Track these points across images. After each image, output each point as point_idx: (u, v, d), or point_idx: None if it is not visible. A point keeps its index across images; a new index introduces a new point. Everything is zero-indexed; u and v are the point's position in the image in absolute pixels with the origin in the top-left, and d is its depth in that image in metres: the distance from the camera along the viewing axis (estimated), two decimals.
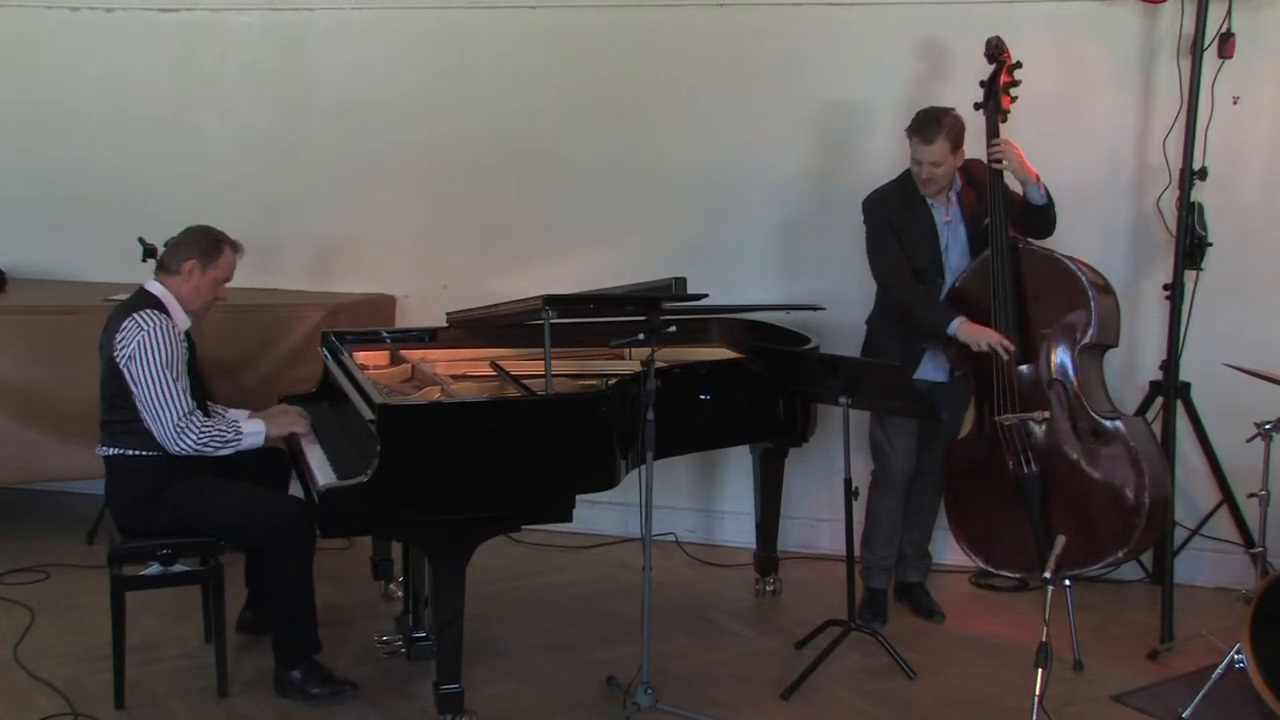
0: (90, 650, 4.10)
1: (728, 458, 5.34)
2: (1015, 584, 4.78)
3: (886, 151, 4.78)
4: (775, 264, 5.25)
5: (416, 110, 5.52)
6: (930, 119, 4.21)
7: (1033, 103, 4.45)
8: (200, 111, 5.74)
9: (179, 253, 3.90)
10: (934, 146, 4.19)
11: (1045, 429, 4.19)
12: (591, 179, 5.40)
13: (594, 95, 5.34)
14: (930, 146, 4.19)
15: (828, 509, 5.12)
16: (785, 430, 4.51)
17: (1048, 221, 4.31)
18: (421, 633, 4.03)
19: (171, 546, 3.76)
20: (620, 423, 3.73)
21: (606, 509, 5.07)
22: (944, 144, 4.19)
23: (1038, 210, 4.28)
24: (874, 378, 4.10)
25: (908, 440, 4.44)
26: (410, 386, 4.22)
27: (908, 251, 4.33)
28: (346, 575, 4.85)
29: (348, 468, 3.67)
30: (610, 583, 4.93)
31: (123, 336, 3.73)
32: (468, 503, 3.50)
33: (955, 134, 4.21)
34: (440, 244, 5.57)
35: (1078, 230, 4.60)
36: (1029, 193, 4.25)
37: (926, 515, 4.66)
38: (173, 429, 3.70)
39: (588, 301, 4.16)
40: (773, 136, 5.17)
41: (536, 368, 4.16)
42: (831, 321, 4.85)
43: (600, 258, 5.33)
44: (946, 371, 4.44)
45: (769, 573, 4.84)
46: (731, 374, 4.39)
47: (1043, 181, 4.24)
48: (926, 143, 4.19)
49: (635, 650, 3.83)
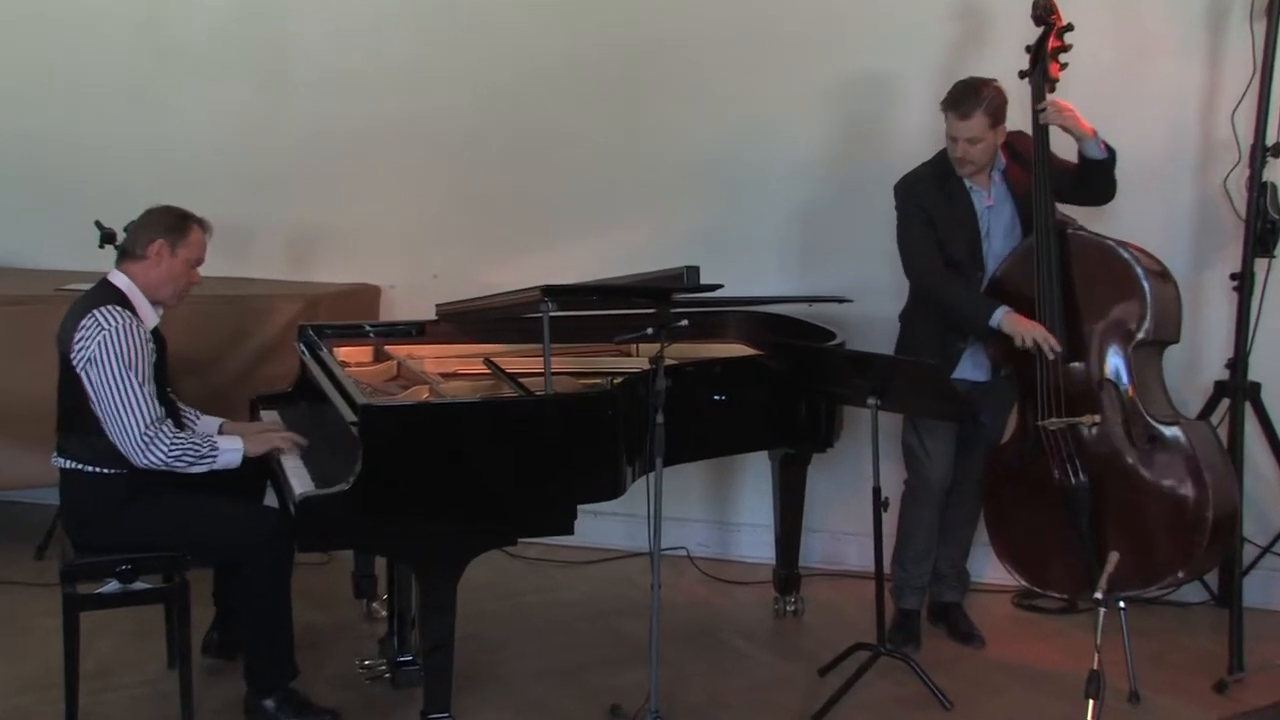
0: (40, 677, 4.08)
1: (744, 465, 5.34)
2: (1063, 605, 4.77)
3: (920, 128, 4.77)
4: (797, 252, 5.24)
5: (404, 83, 5.52)
6: (967, 91, 4.19)
7: (1084, 71, 4.40)
8: (165, 83, 5.74)
9: (142, 235, 3.88)
10: (971, 121, 4.17)
11: (1095, 434, 4.17)
12: (595, 159, 5.40)
13: (597, 68, 5.34)
14: (967, 121, 4.17)
15: (855, 521, 5.10)
16: (808, 435, 4.51)
17: (1109, 179, 4.26)
18: (407, 656, 4.03)
19: (131, 562, 3.74)
20: (627, 426, 3.73)
21: (611, 520, 5.04)
22: (982, 119, 4.17)
23: (1097, 167, 4.23)
24: (907, 377, 4.09)
25: (945, 446, 4.43)
26: (396, 385, 4.22)
27: (942, 240, 4.32)
28: (326, 593, 4.85)
29: (327, 475, 3.67)
30: (615, 601, 4.94)
31: (81, 335, 3.70)
32: (459, 513, 3.51)
33: (995, 107, 4.19)
34: (429, 230, 5.58)
35: (1134, 213, 4.58)
36: (1086, 148, 4.21)
37: (964, 529, 4.65)
38: (138, 439, 3.66)
39: (591, 293, 4.18)
40: (794, 112, 5.16)
41: (535, 365, 4.16)
42: (859, 315, 4.85)
43: (604, 245, 5.33)
44: (987, 370, 4.43)
45: (790, 591, 4.84)
46: (749, 373, 4.39)
47: (1100, 137, 4.20)
48: (962, 117, 4.18)
49: (642, 676, 3.82)
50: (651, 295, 4.06)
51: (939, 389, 4.07)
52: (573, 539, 3.73)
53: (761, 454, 4.84)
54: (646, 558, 3.81)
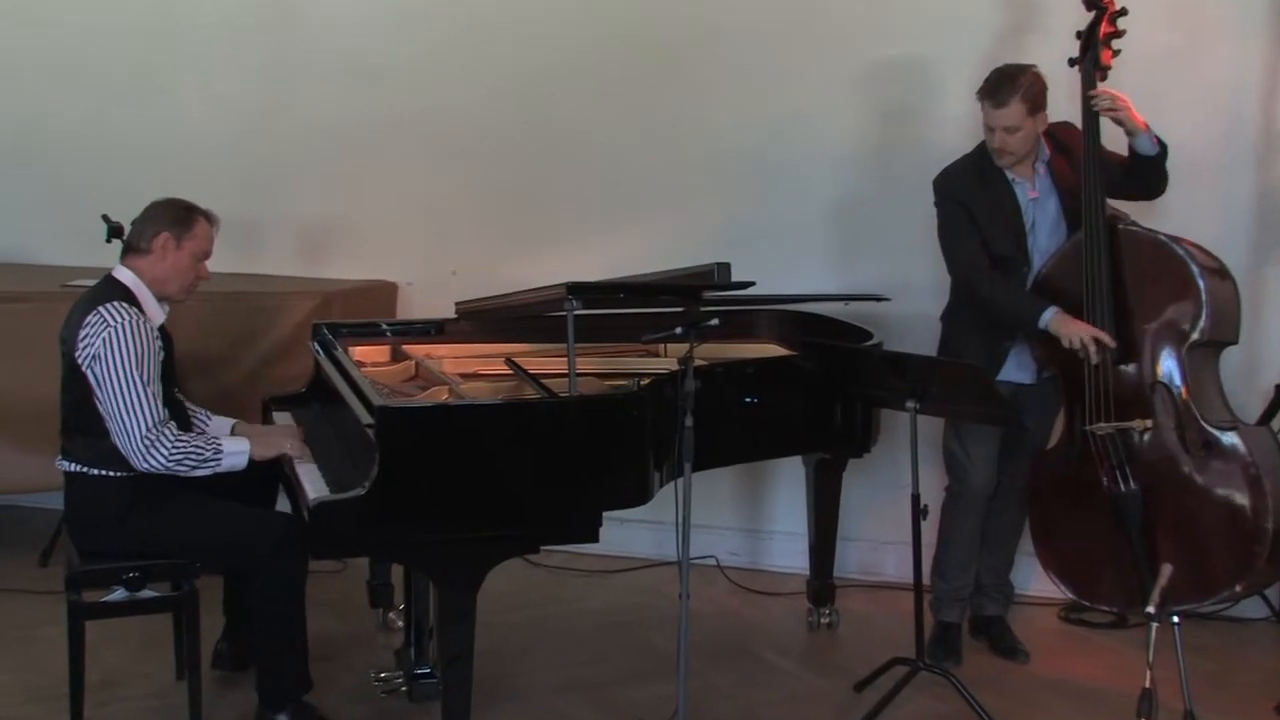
0: (44, 688, 4.10)
1: (777, 470, 5.33)
2: (1112, 620, 4.75)
3: (961, 118, 4.73)
4: (832, 249, 5.23)
5: (422, 73, 5.53)
6: (1003, 78, 4.17)
7: (1137, 57, 4.35)
8: (173, 72, 5.77)
9: (147, 229, 3.88)
10: (1008, 109, 4.15)
11: (1147, 440, 4.14)
12: (621, 152, 5.39)
13: (623, 57, 5.34)
14: (1003, 110, 4.15)
15: (892, 530, 5.06)
16: (843, 439, 4.50)
17: (1159, 174, 4.24)
18: (425, 668, 4.02)
19: (138, 569, 3.74)
20: (654, 429, 3.72)
21: (638, 528, 5.06)
22: (1019, 106, 4.14)
23: (1148, 163, 4.21)
24: (947, 379, 4.06)
25: (988, 451, 4.40)
26: (414, 386, 4.23)
27: (986, 236, 4.29)
28: (340, 602, 4.86)
29: (342, 479, 3.67)
30: (641, 612, 4.93)
31: (86, 333, 3.70)
32: (479, 520, 3.51)
33: (1033, 94, 4.16)
34: (448, 225, 5.58)
35: (1189, 207, 4.54)
36: (1138, 142, 4.19)
37: (1008, 538, 4.62)
38: (140, 441, 3.66)
39: (617, 291, 4.17)
40: (829, 102, 5.14)
41: (558, 365, 4.13)
42: (897, 314, 4.85)
43: (631, 241, 5.33)
44: (1033, 372, 4.40)
45: (824, 603, 4.83)
46: (782, 374, 4.39)
47: (1153, 131, 4.17)
48: (998, 105, 4.16)
49: (669, 690, 3.80)
50: (680, 293, 4.14)
51: (981, 391, 4.04)
52: (597, 547, 3.73)
53: (795, 459, 4.83)
54: (674, 567, 3.86)
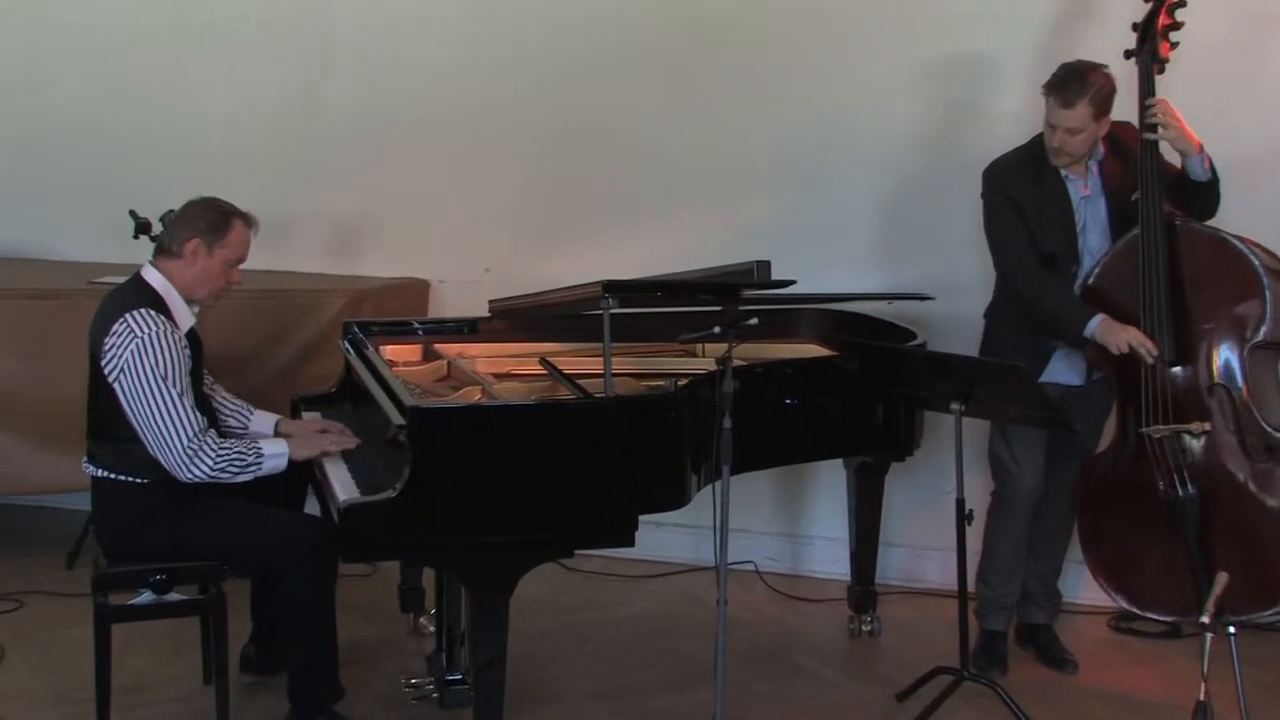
0: (69, 692, 4.10)
1: (817, 473, 5.32)
2: (1165, 629, 4.72)
3: (1012, 114, 4.72)
4: (875, 246, 5.22)
5: (454, 67, 5.54)
6: (1073, 76, 4.12)
7: (1195, 50, 4.33)
8: (200, 65, 5.79)
9: (179, 231, 3.86)
10: (1074, 111, 4.11)
11: (1204, 443, 4.10)
12: (658, 147, 5.38)
13: (661, 50, 5.33)
14: (1069, 110, 4.11)
15: (936, 535, 5.06)
16: (886, 441, 4.48)
17: (1209, 202, 4.22)
18: (457, 675, 4.02)
19: (166, 571, 3.75)
20: (691, 431, 3.72)
21: (674, 532, 5.09)
22: (1086, 109, 4.10)
23: (1197, 188, 4.18)
24: (993, 380, 4.04)
25: (1036, 454, 4.38)
26: (446, 386, 4.24)
27: (1035, 232, 4.27)
28: (370, 607, 4.87)
29: (372, 481, 3.68)
30: (678, 618, 4.93)
31: (113, 342, 3.69)
32: (512, 523, 3.51)
33: (1102, 98, 4.12)
34: (481, 222, 5.59)
35: (1251, 206, 4.48)
36: (1189, 166, 4.16)
37: (1056, 544, 4.60)
38: (182, 454, 3.66)
39: (654, 289, 4.17)
40: (873, 96, 5.12)
41: (594, 365, 4.13)
42: (942, 314, 4.83)
43: (668, 238, 5.32)
44: (1083, 373, 4.38)
45: (865, 610, 4.82)
46: (823, 374, 4.39)
47: (1207, 153, 4.14)
48: (1065, 105, 4.11)
49: (707, 698, 3.81)
50: (719, 292, 4.13)
51: (1028, 393, 4.03)
52: (633, 551, 3.73)
53: (836, 462, 4.82)
54: (711, 572, 3.83)
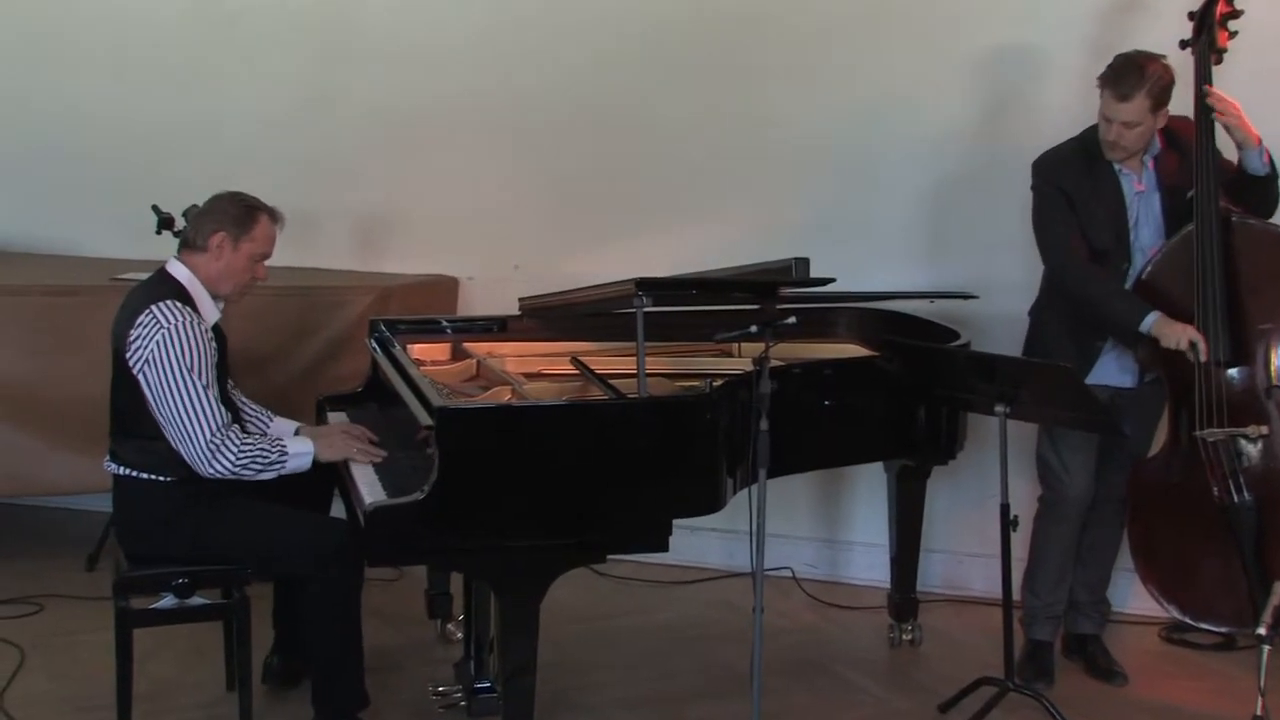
0: (90, 698, 4.13)
1: (856, 477, 5.32)
2: (1219, 641, 4.70)
3: (1061, 106, 4.71)
4: (917, 243, 5.22)
5: (483, 57, 5.54)
6: (1130, 68, 4.10)
7: (1253, 38, 4.31)
8: (222, 56, 5.81)
9: (205, 225, 3.90)
10: (1130, 104, 4.08)
11: (1261, 448, 4.08)
12: (693, 140, 5.38)
13: (697, 39, 5.32)
14: (1126, 104, 4.09)
15: (979, 542, 5.05)
16: (928, 444, 4.48)
17: (1267, 198, 4.20)
18: (485, 682, 4.01)
19: (188, 575, 3.77)
20: (727, 433, 3.71)
21: (709, 537, 5.08)
22: (1143, 101, 4.08)
23: (1255, 183, 4.16)
24: (1039, 382, 4.04)
25: (1085, 458, 4.37)
26: (475, 386, 4.25)
27: (1085, 227, 4.25)
28: (397, 612, 4.89)
29: (399, 483, 3.68)
30: (713, 626, 4.94)
31: (138, 334, 3.72)
32: (543, 527, 3.51)
33: (1160, 89, 4.10)
34: (511, 217, 5.60)
35: None
36: (1247, 159, 4.14)
37: (1105, 552, 4.59)
38: (205, 448, 3.68)
39: (689, 287, 4.15)
40: (916, 88, 5.12)
41: (627, 365, 4.13)
42: (986, 313, 4.83)
43: (704, 234, 5.32)
44: (1134, 375, 4.36)
45: (906, 618, 4.82)
46: (863, 375, 4.38)
47: (1266, 147, 4.12)
48: (1121, 98, 4.09)
49: (742, 709, 3.81)
50: (756, 290, 4.11)
51: (1076, 395, 4.01)
52: (667, 556, 3.73)
53: (876, 466, 4.82)
54: (748, 578, 3.81)
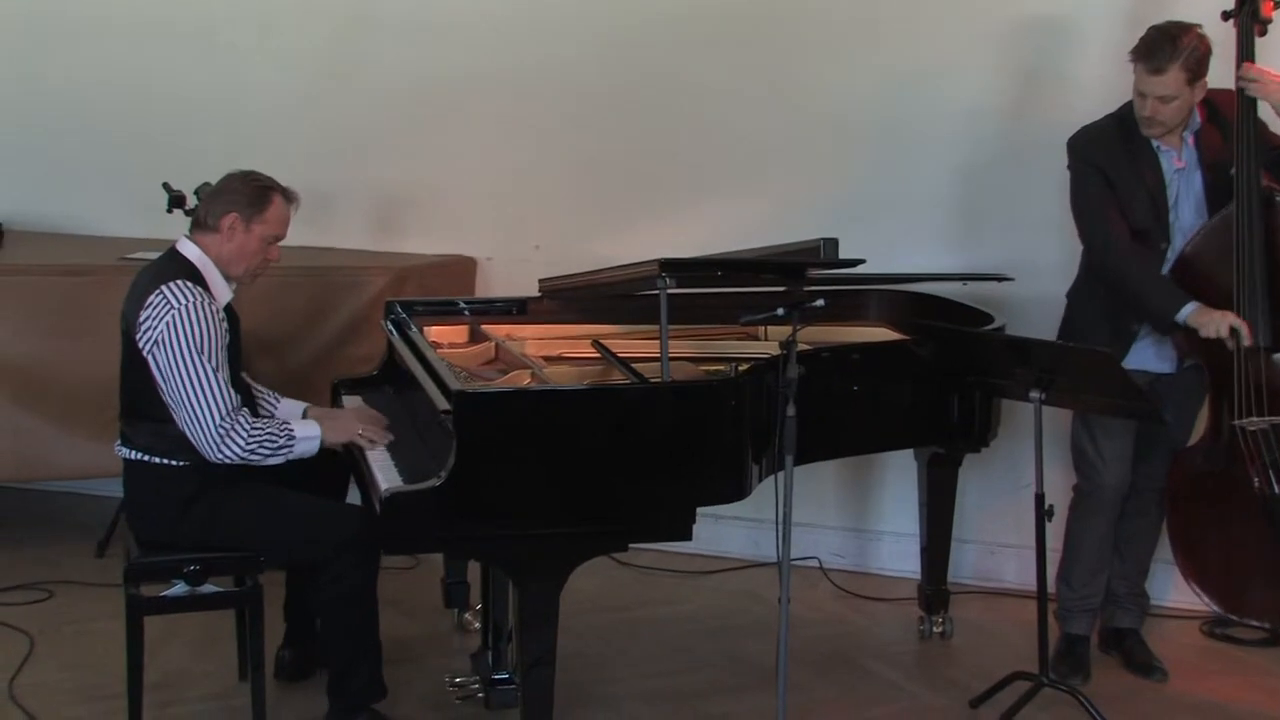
0: (100, 686, 4.15)
1: (886, 465, 5.32)
2: (1263, 636, 4.71)
3: (1099, 81, 4.68)
4: (951, 223, 5.21)
5: (505, 29, 5.53)
6: (1161, 39, 4.07)
7: None
8: (236, 27, 5.81)
9: (216, 205, 3.90)
10: (1165, 76, 4.06)
11: None
12: (721, 115, 5.37)
13: (724, 11, 5.31)
14: (1159, 77, 4.07)
15: (1013, 532, 5.07)
16: (960, 432, 4.48)
17: None
18: (503, 674, 4.04)
19: (200, 562, 3.78)
20: (753, 418, 3.72)
21: (734, 525, 5.11)
22: (1178, 74, 4.06)
23: None
24: (1076, 367, 4.02)
25: (1122, 447, 4.36)
26: (494, 370, 4.25)
27: (1123, 206, 4.24)
28: (413, 602, 4.90)
29: (416, 469, 3.69)
30: (737, 617, 4.93)
31: (148, 314, 3.73)
32: (563, 514, 3.51)
33: (1195, 60, 4.07)
34: (531, 196, 5.61)
35: None
36: None
37: (1144, 544, 4.59)
38: (214, 432, 3.69)
39: (714, 268, 4.14)
40: (948, 63, 5.10)
41: (650, 349, 4.16)
42: (1022, 296, 4.82)
43: (730, 213, 5.32)
44: (1173, 361, 4.35)
45: (937, 610, 4.82)
46: (893, 360, 4.37)
47: None
48: (1154, 71, 4.07)
49: (767, 702, 3.82)
50: (783, 271, 4.12)
51: (1114, 381, 3.99)
52: (690, 545, 3.72)
53: (906, 453, 4.81)
54: (773, 568, 3.85)
